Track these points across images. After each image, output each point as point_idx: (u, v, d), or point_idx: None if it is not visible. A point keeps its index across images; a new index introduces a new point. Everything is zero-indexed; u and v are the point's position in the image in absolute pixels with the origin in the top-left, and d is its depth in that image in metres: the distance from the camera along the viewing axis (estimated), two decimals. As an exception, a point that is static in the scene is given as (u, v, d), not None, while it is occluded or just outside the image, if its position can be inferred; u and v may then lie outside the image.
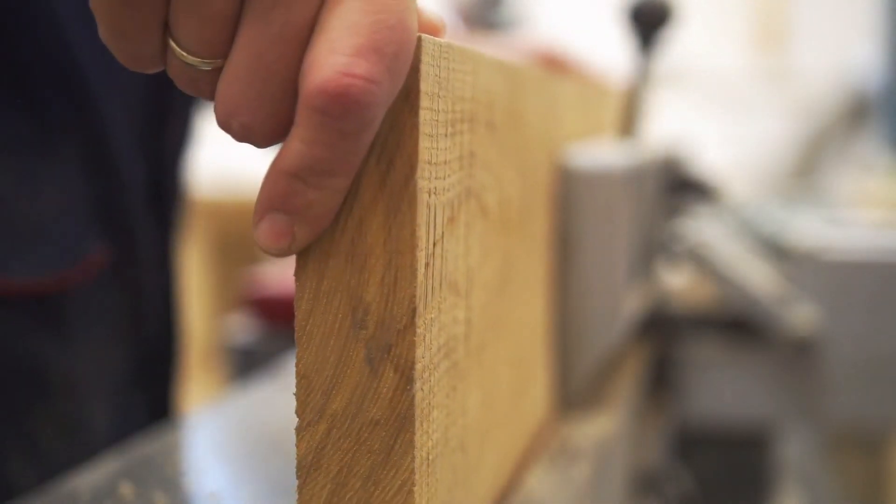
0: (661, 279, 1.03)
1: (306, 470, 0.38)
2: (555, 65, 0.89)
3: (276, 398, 0.69)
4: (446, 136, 0.40)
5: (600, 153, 0.65)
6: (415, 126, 0.37)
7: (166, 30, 0.36)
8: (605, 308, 0.63)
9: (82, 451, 0.65)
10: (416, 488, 0.37)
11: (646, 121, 1.27)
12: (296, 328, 0.37)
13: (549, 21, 3.37)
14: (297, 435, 0.37)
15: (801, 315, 0.84)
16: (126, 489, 0.50)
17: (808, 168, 3.10)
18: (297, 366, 0.37)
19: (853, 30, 3.17)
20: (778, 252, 0.93)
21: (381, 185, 0.37)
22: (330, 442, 0.37)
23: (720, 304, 0.96)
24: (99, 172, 0.68)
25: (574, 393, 0.63)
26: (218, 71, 0.37)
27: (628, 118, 0.76)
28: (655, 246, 0.82)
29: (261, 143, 0.37)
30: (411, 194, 0.36)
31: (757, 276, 0.84)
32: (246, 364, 0.94)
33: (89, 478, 0.51)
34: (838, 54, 2.40)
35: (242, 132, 0.37)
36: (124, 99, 0.71)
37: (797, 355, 0.85)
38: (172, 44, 0.37)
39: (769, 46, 3.58)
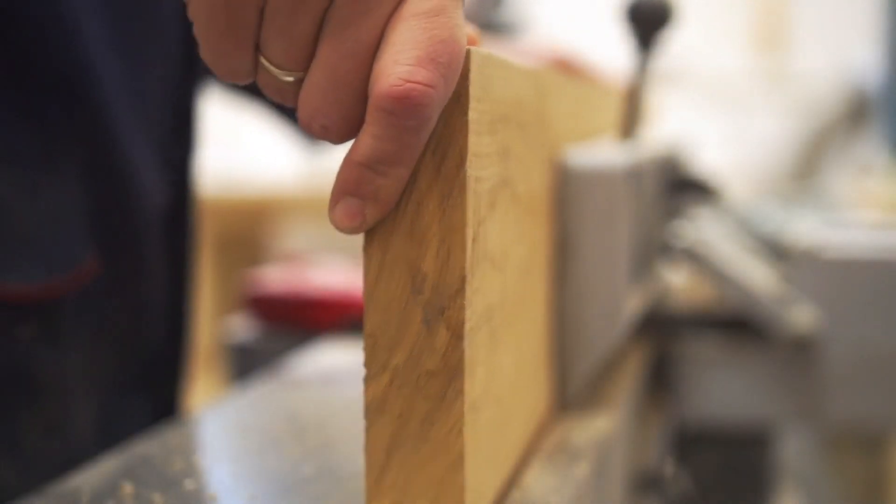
0: (661, 278, 1.03)
1: (373, 414, 0.45)
2: (567, 68, 0.93)
3: (275, 397, 0.69)
4: (488, 133, 0.47)
5: (600, 152, 0.65)
6: (465, 124, 0.44)
7: (257, 49, 0.44)
8: (606, 308, 0.63)
9: (67, 453, 0.66)
10: (465, 428, 0.44)
11: (647, 121, 1.27)
12: (363, 295, 0.44)
13: (549, 21, 3.37)
14: (365, 384, 0.45)
15: (801, 314, 0.84)
16: (126, 489, 0.50)
17: (808, 169, 3.10)
18: (364, 326, 0.45)
19: (853, 31, 3.18)
20: (777, 251, 0.93)
21: (436, 174, 0.44)
22: (392, 390, 0.45)
23: (719, 303, 0.96)
24: (102, 184, 0.70)
25: (573, 392, 0.63)
26: (300, 82, 0.44)
27: (628, 118, 0.77)
28: (655, 245, 0.83)
29: (336, 140, 0.45)
30: (461, 182, 0.44)
31: (756, 276, 0.85)
32: (246, 363, 0.94)
33: (89, 478, 0.51)
34: (838, 55, 2.40)
35: (322, 132, 0.45)
36: (142, 108, 0.73)
37: (796, 355, 0.85)
38: (263, 60, 0.44)
39: (769, 47, 3.59)
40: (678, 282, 1.11)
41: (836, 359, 0.85)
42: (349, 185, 0.44)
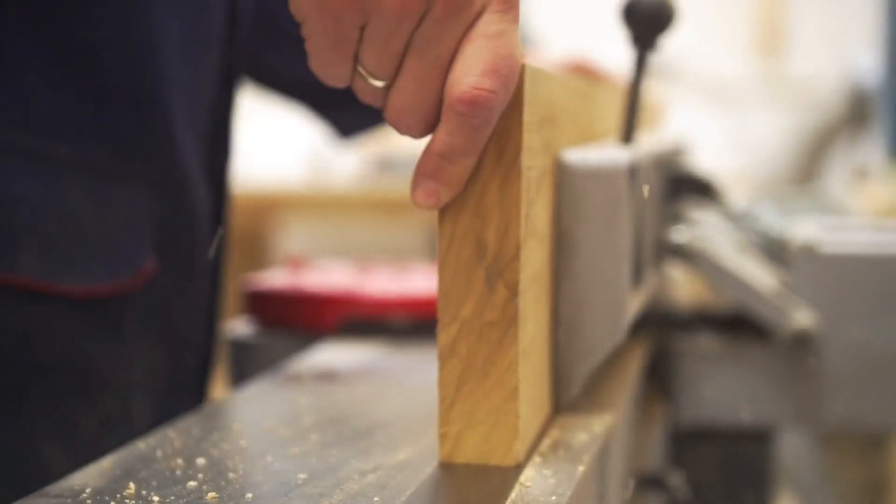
0: (661, 277, 1.03)
1: (445, 356, 0.56)
2: (585, 72, 1.00)
3: (276, 397, 0.69)
4: (536, 131, 0.58)
5: (601, 152, 0.65)
6: (520, 123, 0.56)
7: (356, 61, 0.56)
8: (606, 307, 0.63)
9: (121, 445, 0.67)
10: (518, 368, 0.55)
11: (658, 119, 1.27)
12: (438, 260, 0.55)
13: (548, 22, 3.37)
14: (438, 332, 0.56)
15: (800, 313, 0.84)
16: (127, 489, 0.50)
17: (807, 171, 3.10)
18: (438, 286, 0.56)
19: (853, 34, 3.18)
20: (777, 250, 0.93)
21: (497, 163, 0.55)
22: (461, 337, 0.56)
23: (719, 302, 0.96)
24: (166, 195, 0.76)
25: (573, 392, 0.63)
26: (388, 88, 0.56)
27: (628, 118, 0.77)
28: (655, 244, 0.83)
29: (417, 135, 0.57)
30: (517, 170, 0.55)
31: (755, 274, 0.85)
32: (245, 363, 0.94)
33: (90, 477, 0.51)
34: (838, 58, 2.40)
35: (405, 129, 0.57)
36: (194, 118, 0.79)
37: (796, 354, 0.86)
38: (360, 70, 0.56)
39: (769, 50, 3.59)
40: (678, 280, 1.12)
41: (836, 358, 0.85)
42: (427, 171, 0.56)
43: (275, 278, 0.95)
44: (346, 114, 1.08)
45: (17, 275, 0.69)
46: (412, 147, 0.57)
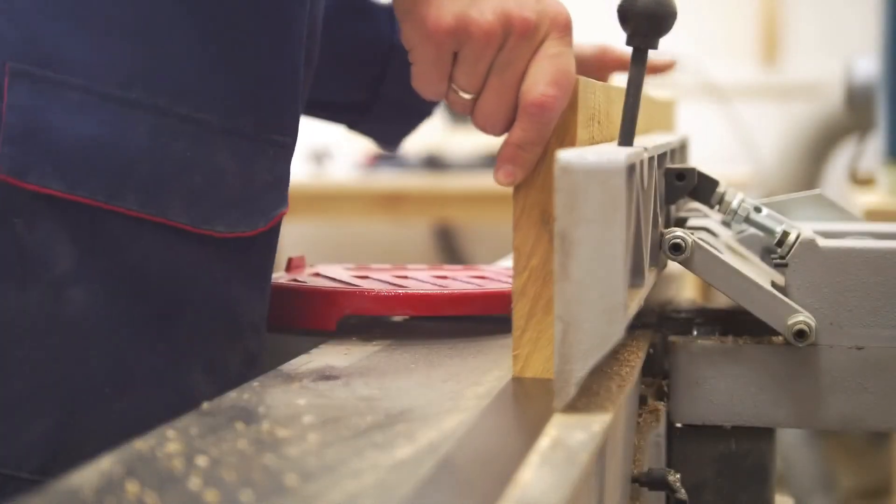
0: (660, 276, 1.03)
1: (517, 296, 0.74)
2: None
3: (275, 396, 0.69)
4: (585, 128, 0.77)
5: (599, 151, 0.65)
6: (575, 122, 0.75)
7: (450, 80, 0.77)
8: (605, 306, 0.63)
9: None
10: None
11: (668, 117, 1.27)
12: (513, 223, 0.74)
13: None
14: (513, 278, 0.74)
15: (799, 311, 0.84)
16: (127, 488, 0.50)
17: (809, 176, 3.10)
18: (513, 243, 0.74)
19: (854, 39, 3.18)
20: (776, 249, 0.93)
21: (557, 147, 0.73)
22: (529, 282, 0.74)
23: (718, 300, 0.96)
24: (289, 158, 0.88)
25: (572, 391, 0.63)
26: (475, 100, 0.78)
27: (627, 117, 0.77)
28: (655, 243, 0.83)
29: (497, 133, 0.78)
30: None
31: (755, 273, 0.85)
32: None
33: (90, 477, 0.52)
34: (839, 63, 2.40)
35: (489, 129, 0.78)
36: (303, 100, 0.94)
37: (795, 352, 0.86)
38: (453, 86, 0.78)
39: (769, 54, 3.58)
40: (678, 279, 1.12)
41: (835, 355, 0.85)
42: (507, 157, 0.75)
43: (274, 277, 0.95)
44: (378, 128, 1.17)
45: (167, 220, 0.79)
46: (410, 143, 0.69)
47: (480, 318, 0.91)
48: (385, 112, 1.10)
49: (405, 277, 0.95)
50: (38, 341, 0.77)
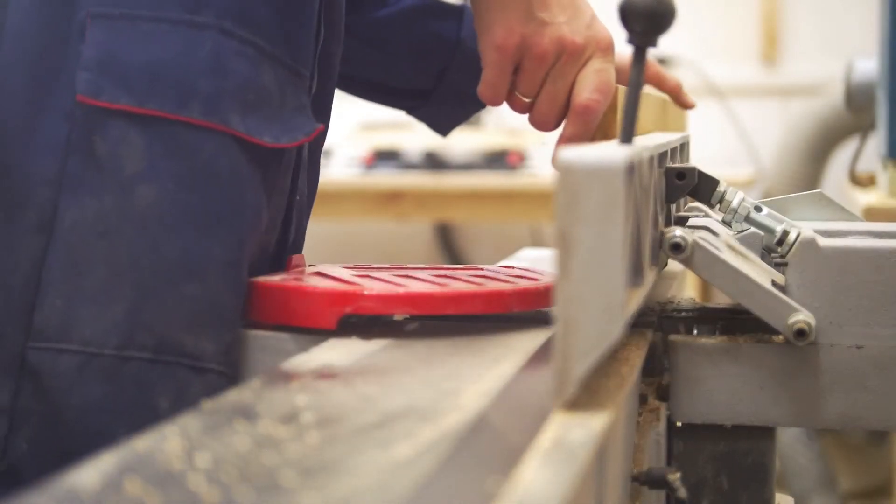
0: (661, 275, 1.03)
1: None
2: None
3: (274, 396, 0.69)
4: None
5: (599, 150, 0.65)
6: (615, 120, 0.96)
7: (513, 86, 1.00)
8: (605, 305, 0.63)
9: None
10: None
11: (679, 116, 1.28)
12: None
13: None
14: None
15: (799, 310, 0.84)
16: (127, 487, 0.50)
17: (810, 177, 3.10)
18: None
19: (854, 40, 3.17)
20: (776, 248, 0.93)
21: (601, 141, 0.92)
22: None
23: (719, 299, 0.96)
24: (309, 88, 1.01)
25: (572, 390, 0.63)
26: (532, 103, 1.00)
27: (627, 117, 0.77)
28: (655, 242, 0.83)
29: (550, 130, 1.01)
30: None
31: (755, 272, 0.85)
32: (242, 360, 0.94)
33: (89, 476, 0.52)
34: (839, 64, 2.40)
35: (543, 127, 1.01)
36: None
37: (795, 350, 0.86)
38: (515, 92, 1.01)
39: (770, 56, 3.58)
40: (677, 278, 1.12)
41: (835, 354, 0.85)
42: (570, 142, 0.97)
43: (273, 277, 0.95)
44: (436, 113, 1.30)
45: (227, 128, 0.91)
46: (410, 142, 0.69)
47: (480, 317, 0.91)
48: (445, 99, 1.26)
49: (406, 277, 0.95)
50: (113, 237, 0.88)
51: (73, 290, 0.88)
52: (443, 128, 1.33)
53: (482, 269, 1.03)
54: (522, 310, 0.91)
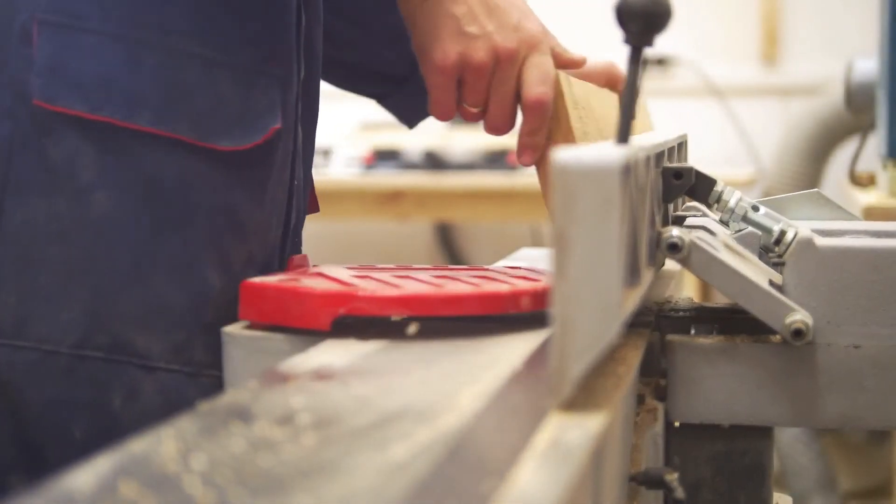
0: (658, 275, 1.03)
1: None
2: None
3: (272, 396, 0.69)
4: (574, 109, 1.04)
5: (595, 150, 0.65)
6: (564, 105, 1.03)
7: (459, 100, 1.05)
8: (601, 305, 0.63)
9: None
10: None
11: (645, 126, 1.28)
12: (544, 193, 1.04)
13: (547, 20, 3.37)
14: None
15: (797, 310, 0.84)
16: (123, 489, 0.50)
17: (810, 177, 3.10)
18: (548, 207, 0.83)
19: (854, 40, 3.17)
20: (774, 247, 0.93)
21: (557, 126, 1.03)
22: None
23: (717, 299, 0.96)
24: (288, 87, 1.02)
25: (569, 390, 0.63)
26: (483, 112, 1.06)
27: (624, 116, 0.77)
28: (652, 242, 0.83)
29: (503, 133, 1.07)
30: (570, 128, 1.02)
31: (753, 272, 0.85)
32: (240, 361, 0.94)
33: (86, 478, 0.51)
34: (839, 64, 2.40)
35: (498, 132, 1.06)
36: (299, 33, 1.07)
37: (793, 351, 0.86)
38: (463, 104, 1.06)
39: (770, 56, 3.58)
40: (675, 278, 1.11)
41: (833, 353, 0.85)
42: (524, 145, 1.04)
43: (271, 278, 0.95)
44: (405, 104, 1.30)
45: (176, 135, 0.93)
46: (410, 142, 0.70)
47: (478, 318, 0.91)
48: (417, 90, 1.23)
49: (406, 277, 0.94)
50: (68, 240, 0.91)
51: (27, 289, 0.91)
52: (411, 119, 1.32)
53: (485, 269, 1.03)
54: (519, 311, 0.91)
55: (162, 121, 0.93)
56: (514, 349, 0.82)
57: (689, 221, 0.98)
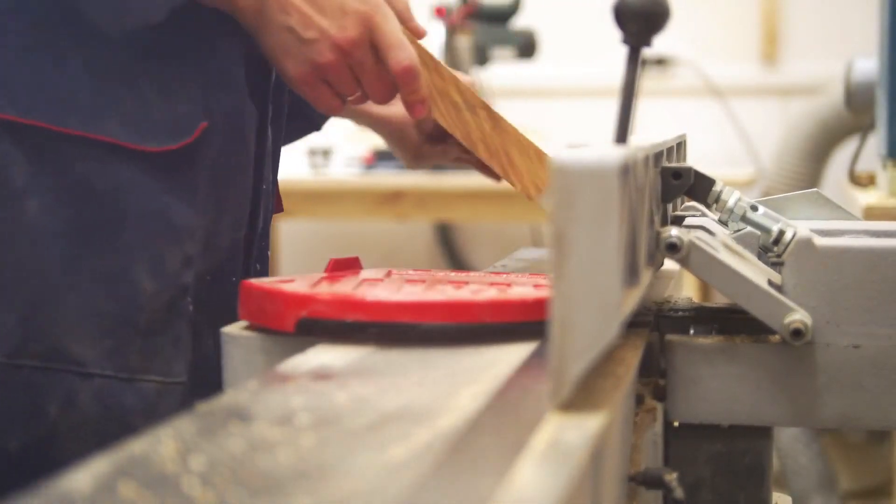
0: (657, 275, 1.03)
1: (490, 160, 1.09)
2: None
3: (270, 397, 0.69)
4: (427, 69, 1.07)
5: (594, 150, 0.65)
6: (422, 49, 1.06)
7: (338, 94, 1.03)
8: (600, 305, 0.63)
9: (197, 283, 1.02)
10: (520, 134, 1.09)
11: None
12: (455, 127, 1.08)
13: (546, 20, 3.37)
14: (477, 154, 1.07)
15: (796, 310, 0.84)
16: (122, 489, 0.50)
17: (808, 176, 3.10)
18: (462, 136, 1.07)
19: (854, 40, 3.17)
20: (773, 248, 0.93)
21: (436, 74, 1.08)
22: (485, 145, 1.09)
23: (716, 299, 0.96)
24: (213, 87, 1.03)
25: (568, 390, 0.63)
26: (362, 98, 1.06)
27: (622, 116, 0.77)
28: (651, 242, 0.83)
29: (386, 102, 1.05)
30: (444, 72, 1.08)
31: (752, 272, 0.85)
32: (238, 362, 0.94)
33: (85, 478, 0.51)
34: (839, 64, 2.40)
35: (385, 103, 1.05)
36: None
37: (792, 351, 0.86)
38: (341, 97, 1.03)
39: (770, 56, 3.58)
40: (674, 278, 1.11)
41: (833, 353, 0.85)
42: (411, 104, 1.04)
43: (270, 279, 0.95)
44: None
45: (105, 137, 0.94)
46: None
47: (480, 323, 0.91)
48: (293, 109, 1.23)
49: (410, 283, 0.94)
50: (3, 247, 0.93)
51: None
52: (317, 119, 1.31)
53: (503, 275, 1.02)
54: (495, 321, 0.86)
55: (91, 123, 0.94)
56: (513, 351, 0.82)
57: (688, 221, 0.98)
